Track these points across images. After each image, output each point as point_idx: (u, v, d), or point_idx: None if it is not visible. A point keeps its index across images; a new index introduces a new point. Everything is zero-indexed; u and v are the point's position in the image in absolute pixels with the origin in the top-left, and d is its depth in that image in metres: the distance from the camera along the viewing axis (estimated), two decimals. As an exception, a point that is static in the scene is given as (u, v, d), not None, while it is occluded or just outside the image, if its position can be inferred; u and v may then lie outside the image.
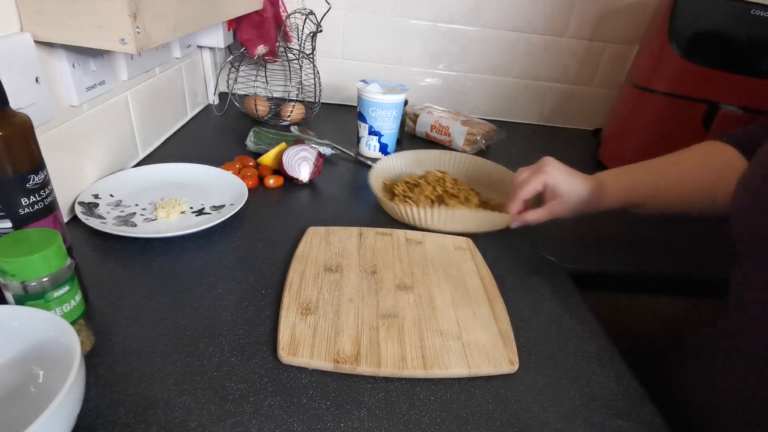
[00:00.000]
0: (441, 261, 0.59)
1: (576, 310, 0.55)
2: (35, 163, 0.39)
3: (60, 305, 0.38)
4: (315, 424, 0.38)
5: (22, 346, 0.36)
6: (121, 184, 0.67)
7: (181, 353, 0.43)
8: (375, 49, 1.13)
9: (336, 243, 0.59)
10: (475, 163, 0.81)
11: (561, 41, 1.12)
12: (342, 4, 1.06)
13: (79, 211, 0.58)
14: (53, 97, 0.55)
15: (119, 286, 0.50)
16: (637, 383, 0.46)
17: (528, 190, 0.64)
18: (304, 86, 1.10)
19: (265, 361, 0.43)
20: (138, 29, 0.47)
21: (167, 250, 0.56)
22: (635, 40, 1.11)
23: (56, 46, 0.54)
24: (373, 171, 0.74)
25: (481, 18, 1.09)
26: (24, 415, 0.34)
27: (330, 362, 0.42)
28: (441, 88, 1.18)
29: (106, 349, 0.43)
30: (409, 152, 0.82)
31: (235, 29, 0.96)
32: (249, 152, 0.84)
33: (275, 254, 0.58)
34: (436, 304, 0.51)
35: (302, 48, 1.01)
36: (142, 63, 0.73)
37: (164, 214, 0.61)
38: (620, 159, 0.95)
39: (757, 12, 0.82)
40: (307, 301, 0.49)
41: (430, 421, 0.39)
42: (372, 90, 0.84)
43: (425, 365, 0.43)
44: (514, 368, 0.45)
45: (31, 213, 0.40)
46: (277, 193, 0.73)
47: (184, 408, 0.38)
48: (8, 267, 0.35)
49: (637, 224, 0.78)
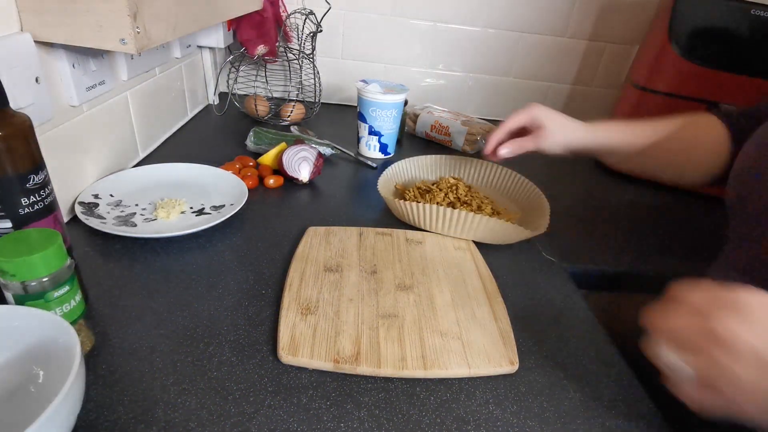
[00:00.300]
0: (441, 261, 0.59)
1: (576, 310, 0.55)
2: (35, 163, 0.39)
3: (60, 305, 0.38)
4: (315, 424, 0.38)
5: (22, 346, 0.36)
6: (121, 184, 0.66)
7: (181, 353, 0.43)
8: (375, 49, 1.13)
9: (336, 243, 0.59)
10: (499, 173, 0.78)
11: (561, 41, 1.12)
12: (342, 4, 1.06)
13: (79, 211, 0.58)
14: (53, 97, 0.55)
15: (119, 286, 0.50)
16: (637, 383, 0.46)
17: (513, 120, 0.65)
18: (304, 86, 1.10)
19: (265, 361, 0.43)
20: (138, 29, 0.47)
21: (167, 250, 0.56)
22: (635, 40, 1.11)
23: (56, 46, 0.54)
24: (385, 175, 0.72)
25: (481, 18, 1.09)
26: (24, 415, 0.34)
27: (330, 362, 0.42)
28: (441, 88, 1.18)
29: (106, 349, 0.43)
30: (426, 157, 0.79)
31: (235, 29, 0.96)
32: (249, 152, 0.84)
33: (275, 254, 0.58)
34: (436, 304, 0.51)
35: (302, 48, 1.01)
36: (142, 63, 0.73)
37: (164, 214, 0.61)
38: (620, 159, 0.95)
39: (757, 12, 0.82)
40: (307, 301, 0.49)
41: (430, 421, 0.39)
42: (372, 90, 0.84)
43: (425, 365, 0.43)
44: (514, 368, 0.45)
45: (31, 213, 0.40)
46: (277, 193, 0.73)
47: (184, 408, 0.38)
48: (8, 267, 0.35)
49: (637, 224, 0.78)
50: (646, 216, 0.82)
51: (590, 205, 0.84)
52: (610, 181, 0.93)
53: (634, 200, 0.87)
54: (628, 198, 0.87)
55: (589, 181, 0.93)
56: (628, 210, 0.83)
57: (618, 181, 0.93)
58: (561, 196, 0.82)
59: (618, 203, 0.85)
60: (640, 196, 0.88)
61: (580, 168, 0.98)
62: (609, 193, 0.89)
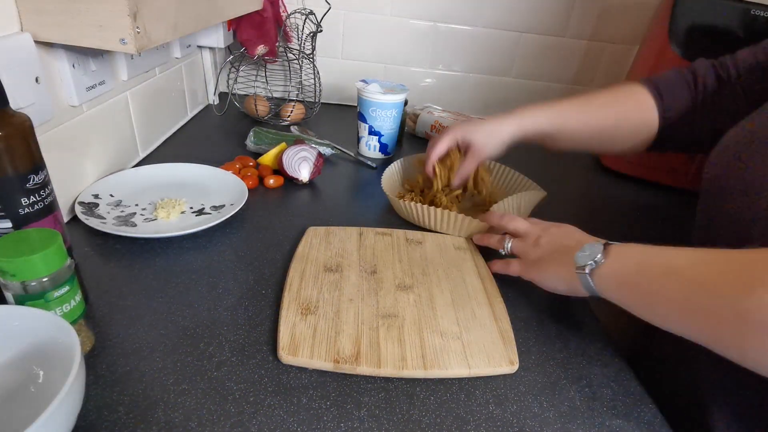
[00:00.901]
0: (441, 261, 0.59)
1: (576, 311, 0.55)
2: (35, 163, 0.39)
3: (60, 305, 0.38)
4: (315, 424, 0.38)
5: (22, 346, 0.36)
6: (121, 184, 0.66)
7: (181, 353, 0.43)
8: (375, 49, 1.13)
9: (336, 243, 0.59)
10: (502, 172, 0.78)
11: (561, 41, 1.12)
12: (342, 4, 1.06)
13: (79, 211, 0.58)
14: (53, 97, 0.55)
15: (119, 286, 0.50)
16: (637, 383, 0.46)
17: (436, 150, 0.66)
18: (304, 86, 1.10)
19: (265, 361, 0.43)
20: (138, 29, 0.47)
21: (167, 250, 0.56)
22: (635, 40, 1.11)
23: (56, 46, 0.54)
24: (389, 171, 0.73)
25: (481, 18, 1.09)
26: (24, 415, 0.34)
27: (330, 362, 0.42)
28: (441, 88, 1.18)
29: (106, 349, 0.43)
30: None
31: (235, 29, 0.96)
32: (249, 152, 0.84)
33: (275, 254, 0.58)
34: (436, 304, 0.51)
35: (302, 48, 1.01)
36: (142, 63, 0.73)
37: (164, 214, 0.61)
38: (621, 159, 0.95)
39: (757, 12, 0.82)
40: (307, 301, 0.49)
41: (430, 421, 0.39)
42: (372, 90, 0.84)
43: (425, 365, 0.43)
44: (514, 368, 0.45)
45: (31, 213, 0.40)
46: (277, 193, 0.73)
47: (184, 408, 0.38)
48: (8, 267, 0.35)
49: (637, 224, 0.78)
50: (645, 216, 0.82)
51: (590, 205, 0.84)
52: (610, 181, 0.93)
53: (634, 200, 0.87)
54: (628, 198, 0.87)
55: (588, 181, 0.93)
56: (627, 210, 0.83)
57: (618, 181, 0.93)
58: (561, 196, 0.81)
59: (618, 203, 0.85)
60: (640, 196, 0.88)
61: (580, 168, 0.98)
62: (609, 193, 0.89)
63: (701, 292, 0.35)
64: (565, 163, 0.97)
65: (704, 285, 0.35)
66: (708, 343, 0.35)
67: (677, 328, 0.38)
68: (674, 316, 0.38)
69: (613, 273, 0.43)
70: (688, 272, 0.37)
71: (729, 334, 0.33)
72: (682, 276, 0.37)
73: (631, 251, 0.43)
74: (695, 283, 0.36)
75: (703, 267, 0.36)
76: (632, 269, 0.42)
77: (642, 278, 0.40)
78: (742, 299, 0.32)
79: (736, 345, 0.33)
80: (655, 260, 0.40)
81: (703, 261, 0.37)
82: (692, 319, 0.36)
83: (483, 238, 0.61)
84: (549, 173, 0.92)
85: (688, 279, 0.36)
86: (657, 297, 0.39)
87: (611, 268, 0.43)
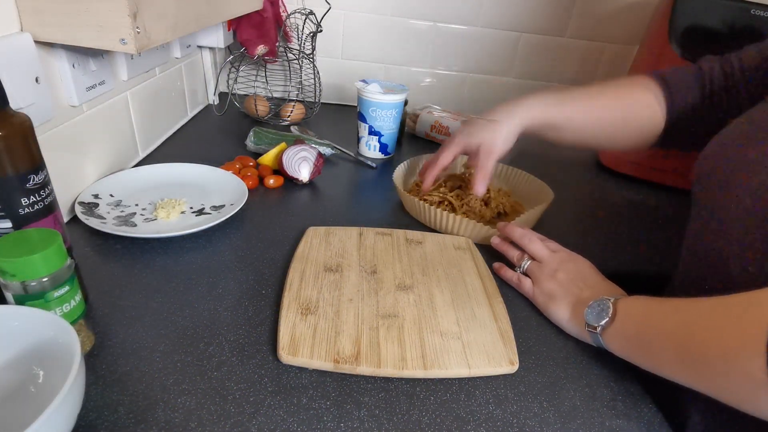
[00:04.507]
0: (441, 261, 0.59)
1: (576, 310, 0.55)
2: (35, 163, 0.39)
3: (60, 305, 0.38)
4: (315, 424, 0.38)
5: (22, 346, 0.36)
6: (121, 184, 0.66)
7: (181, 353, 0.43)
8: (375, 49, 1.13)
9: (336, 243, 0.59)
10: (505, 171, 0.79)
11: (561, 41, 1.12)
12: (342, 4, 1.06)
13: (79, 211, 0.58)
14: (53, 97, 0.55)
15: (119, 286, 0.50)
16: (637, 383, 0.46)
17: (445, 156, 0.65)
18: (304, 86, 1.10)
19: (265, 361, 0.43)
20: (138, 29, 0.47)
21: (167, 250, 0.56)
22: (635, 40, 1.11)
23: (56, 46, 0.54)
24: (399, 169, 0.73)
25: (481, 18, 1.09)
26: (24, 415, 0.34)
27: (330, 362, 0.42)
28: (441, 88, 1.18)
29: (106, 349, 0.43)
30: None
31: (235, 29, 0.96)
32: (249, 152, 0.84)
33: (275, 254, 0.58)
34: (436, 304, 0.51)
35: (302, 48, 1.01)
36: (142, 63, 0.73)
37: (164, 214, 0.61)
38: (621, 159, 0.95)
39: (757, 12, 0.82)
40: (307, 301, 0.49)
41: (430, 421, 0.39)
42: (372, 90, 0.84)
43: (425, 365, 0.43)
44: (514, 368, 0.45)
45: (31, 213, 0.40)
46: (277, 193, 0.73)
47: (184, 408, 0.38)
48: (8, 267, 0.35)
49: (637, 224, 0.78)
50: (646, 216, 0.82)
51: (590, 205, 0.84)
52: (610, 181, 0.93)
53: (634, 200, 0.87)
54: (628, 198, 0.87)
55: (589, 181, 0.93)
56: (628, 210, 0.83)
57: (618, 181, 0.93)
58: (561, 196, 0.81)
59: (618, 203, 0.85)
60: (640, 196, 0.88)
61: (580, 168, 0.98)
62: (609, 193, 0.89)
63: (697, 356, 0.35)
64: (565, 163, 0.97)
65: (699, 349, 0.35)
66: (720, 399, 0.34)
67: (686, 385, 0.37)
68: (680, 378, 0.38)
69: (617, 333, 0.44)
70: (680, 334, 0.37)
71: (738, 393, 0.33)
72: (674, 340, 0.37)
73: (635, 309, 0.43)
74: (690, 347, 0.35)
75: (695, 327, 0.36)
76: (634, 330, 0.42)
77: (643, 340, 0.41)
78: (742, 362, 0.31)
79: (748, 400, 0.32)
80: (654, 319, 0.40)
81: (695, 321, 0.36)
82: (696, 380, 0.36)
83: (502, 245, 0.60)
84: (549, 173, 0.92)
85: (680, 343, 0.36)
86: (659, 360, 0.40)
87: (616, 329, 0.44)
